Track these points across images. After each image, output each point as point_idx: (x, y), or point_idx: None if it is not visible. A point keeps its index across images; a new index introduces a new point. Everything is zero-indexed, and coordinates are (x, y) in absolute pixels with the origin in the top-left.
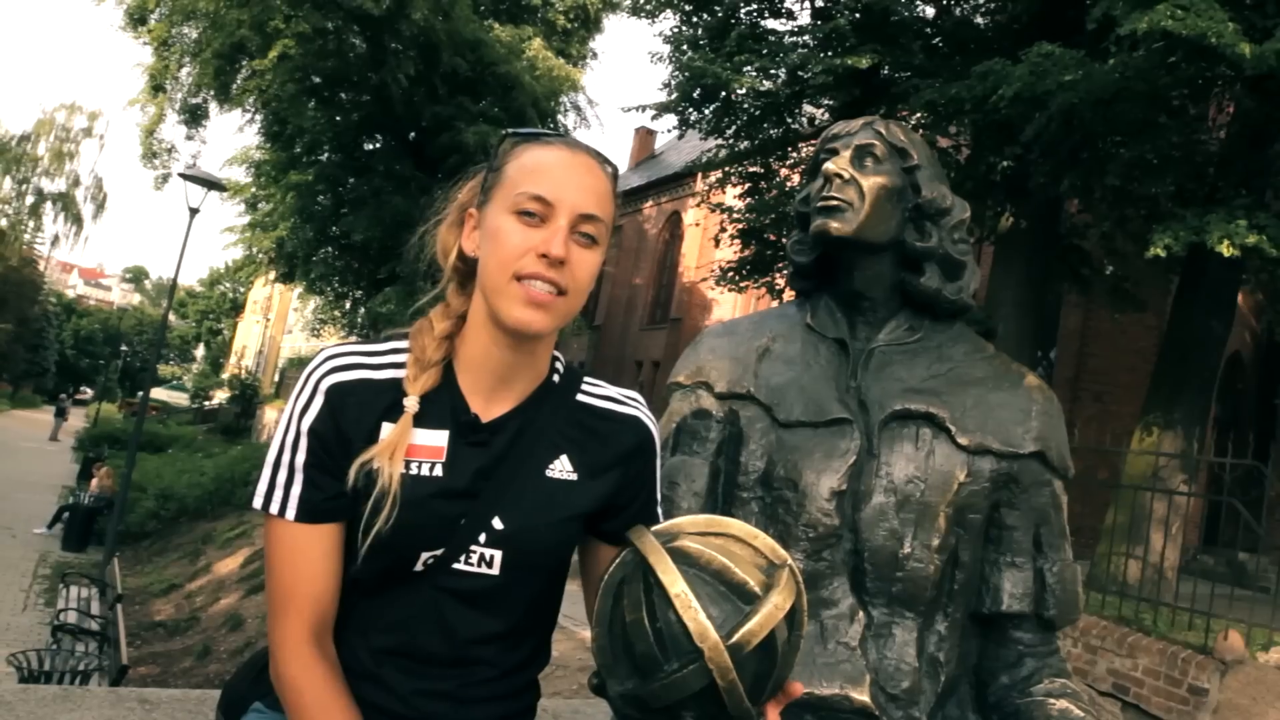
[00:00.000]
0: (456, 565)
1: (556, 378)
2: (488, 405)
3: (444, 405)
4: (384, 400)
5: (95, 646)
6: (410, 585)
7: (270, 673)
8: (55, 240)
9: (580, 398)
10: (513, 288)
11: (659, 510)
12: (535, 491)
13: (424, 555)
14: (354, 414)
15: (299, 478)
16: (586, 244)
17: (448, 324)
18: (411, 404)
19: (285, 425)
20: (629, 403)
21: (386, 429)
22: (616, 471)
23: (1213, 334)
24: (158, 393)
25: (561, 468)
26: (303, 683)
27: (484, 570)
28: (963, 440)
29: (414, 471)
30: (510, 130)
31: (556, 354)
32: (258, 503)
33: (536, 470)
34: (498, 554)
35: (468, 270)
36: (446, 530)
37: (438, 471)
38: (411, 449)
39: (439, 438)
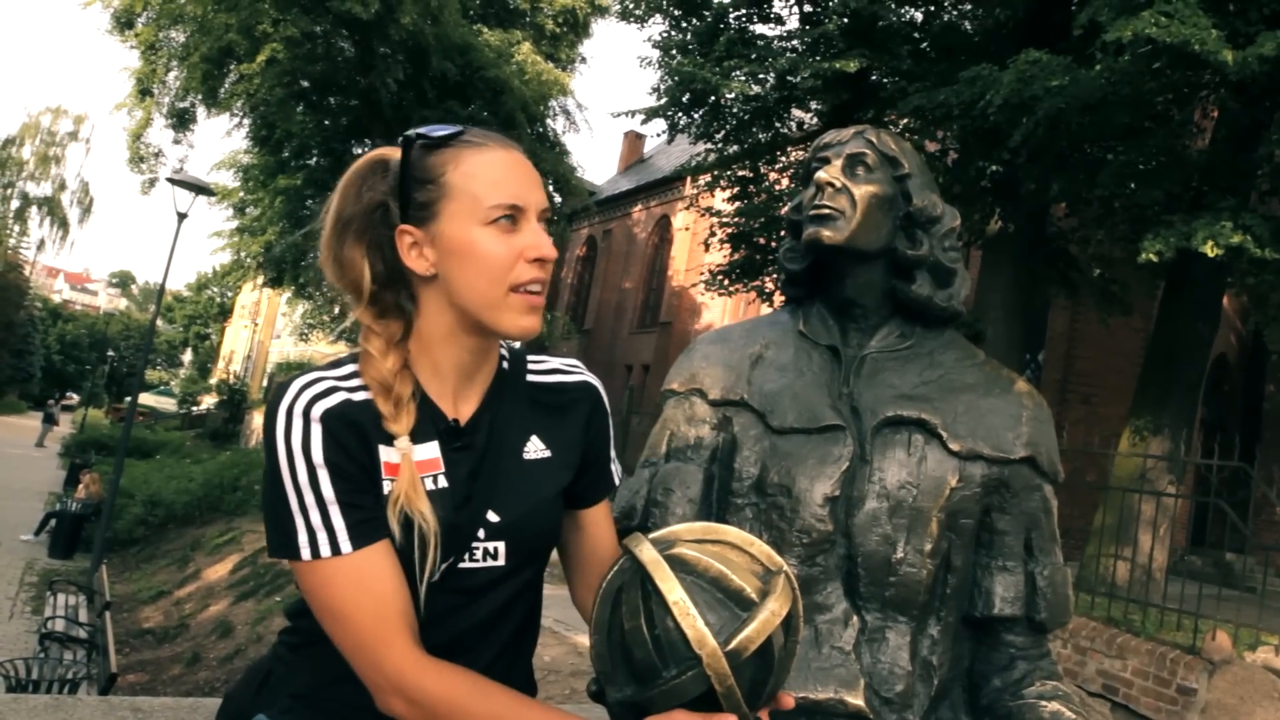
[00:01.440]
0: (463, 565)
1: (505, 364)
2: (457, 406)
3: (423, 417)
4: (369, 421)
5: (83, 654)
6: (420, 592)
7: (391, 709)
8: (41, 245)
9: (530, 378)
10: (512, 299)
11: (614, 466)
12: (520, 478)
13: (441, 566)
14: (351, 436)
15: (334, 509)
16: (548, 231)
17: (397, 354)
18: (404, 445)
19: (289, 465)
20: (573, 371)
21: (384, 451)
22: (582, 437)
23: (1199, 336)
24: (145, 398)
25: (535, 448)
26: (455, 690)
27: (490, 563)
28: (954, 446)
29: (425, 488)
30: (416, 135)
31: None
32: (305, 554)
33: (515, 457)
34: (501, 545)
35: (393, 291)
36: (453, 538)
37: (442, 482)
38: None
39: (430, 449)
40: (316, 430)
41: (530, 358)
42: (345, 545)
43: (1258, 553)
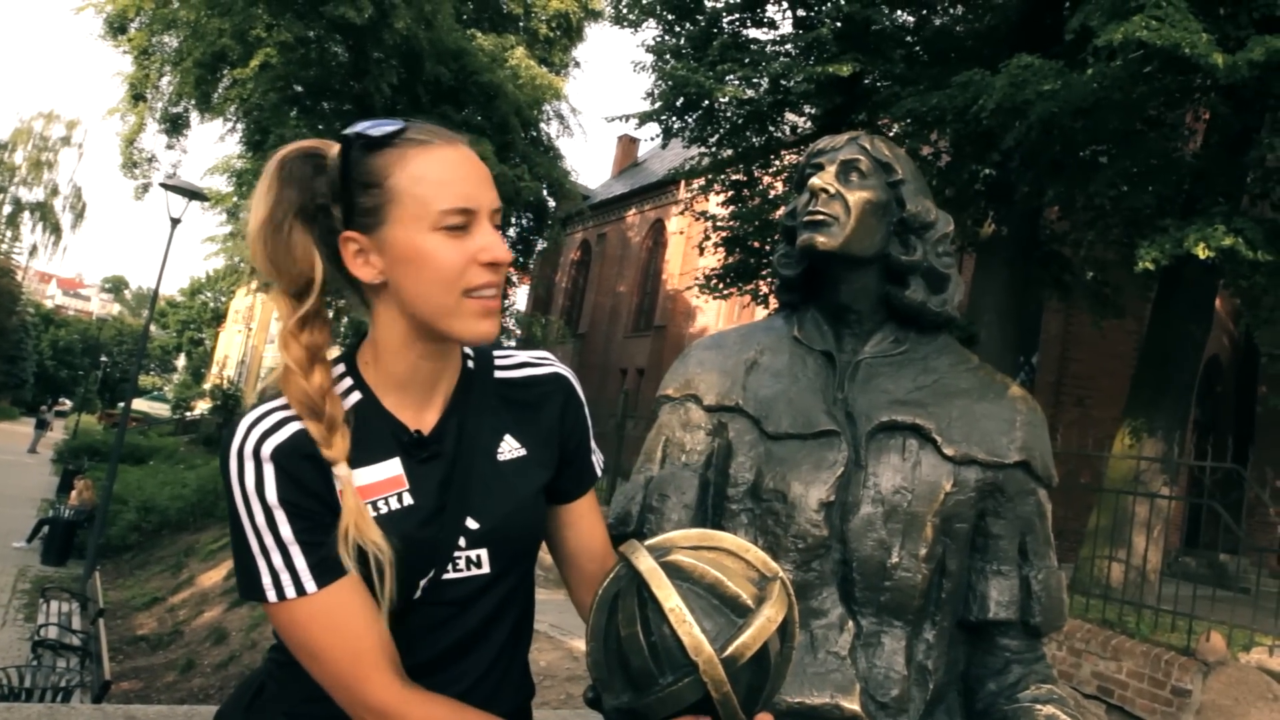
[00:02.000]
0: (447, 576)
1: (471, 363)
2: (420, 416)
3: (382, 433)
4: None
5: (77, 662)
6: (406, 611)
7: None
8: (33, 250)
9: (498, 374)
10: (465, 304)
11: (594, 457)
12: (496, 480)
13: (421, 582)
14: (306, 469)
15: (295, 550)
16: (500, 230)
17: (323, 369)
18: (344, 471)
19: (245, 508)
20: (543, 363)
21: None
22: (557, 430)
23: (1191, 338)
24: (138, 404)
25: (509, 448)
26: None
27: (475, 571)
28: (949, 451)
29: (385, 510)
30: (354, 134)
31: None
32: (270, 596)
33: (488, 460)
34: (484, 552)
35: (324, 295)
36: (431, 551)
37: (407, 500)
38: (372, 488)
39: (392, 467)
40: (269, 470)
41: (497, 353)
42: (309, 585)
43: (1251, 554)
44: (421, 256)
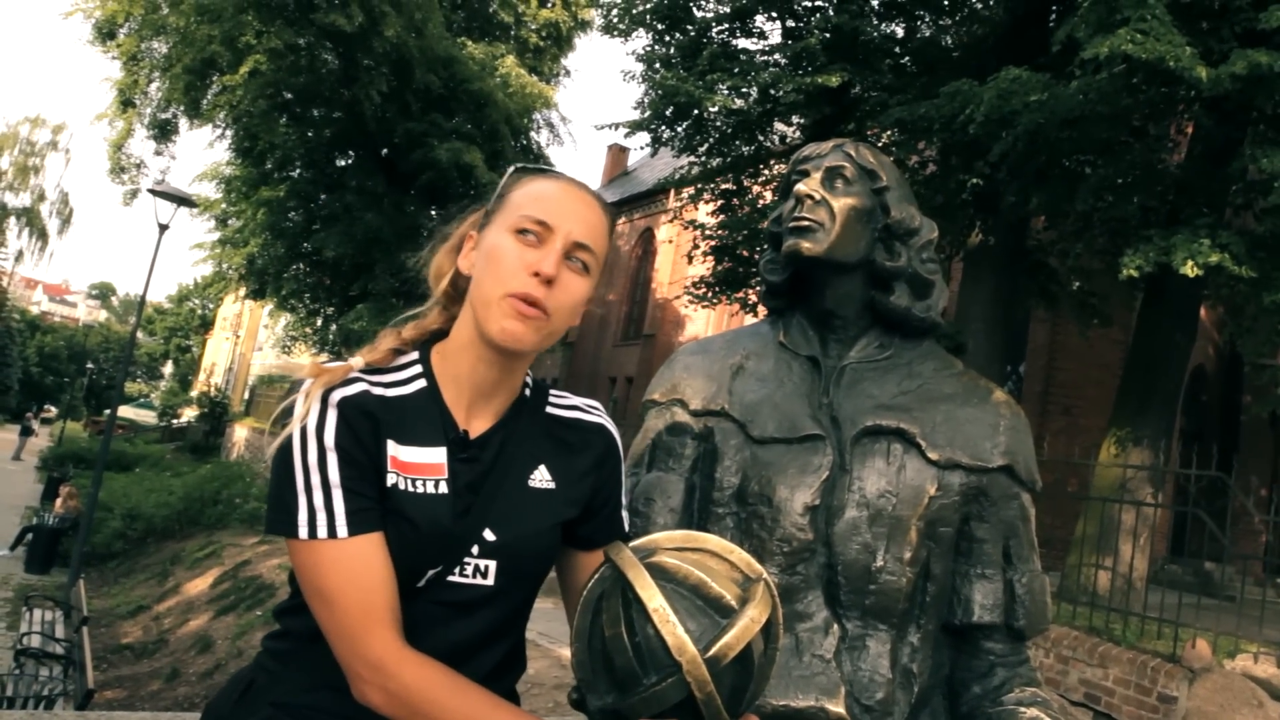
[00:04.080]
0: (452, 578)
1: (528, 392)
2: (471, 421)
3: (434, 421)
4: (383, 414)
5: (60, 671)
6: (407, 600)
7: (367, 699)
8: (19, 256)
9: (549, 410)
10: (504, 303)
11: (624, 513)
12: (521, 502)
13: (429, 572)
14: (364, 425)
15: (338, 494)
16: (578, 270)
17: (415, 334)
18: (357, 361)
19: (301, 444)
20: (593, 411)
21: (392, 447)
22: (590, 477)
23: (1177, 348)
24: (125, 411)
25: (541, 477)
26: (431, 683)
27: (479, 581)
28: (933, 455)
29: (421, 490)
30: (519, 165)
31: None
32: (303, 533)
33: (520, 481)
34: (492, 564)
35: (456, 294)
36: (447, 546)
37: (443, 488)
38: (416, 467)
39: (437, 454)
40: (332, 415)
41: (553, 392)
42: (342, 530)
43: (1236, 562)
44: (492, 250)
